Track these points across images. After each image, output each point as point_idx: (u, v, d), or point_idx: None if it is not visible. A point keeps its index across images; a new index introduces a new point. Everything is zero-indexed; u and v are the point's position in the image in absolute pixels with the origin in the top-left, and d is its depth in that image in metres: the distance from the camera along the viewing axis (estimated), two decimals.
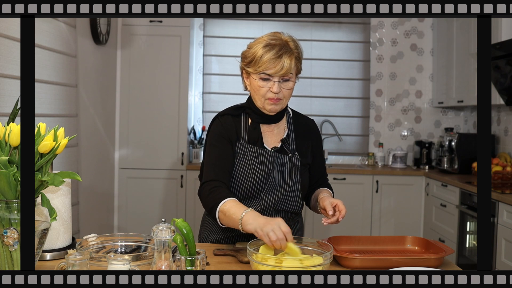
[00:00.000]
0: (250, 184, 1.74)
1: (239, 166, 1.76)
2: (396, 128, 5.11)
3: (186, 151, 4.54)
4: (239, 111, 1.82)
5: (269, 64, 1.65)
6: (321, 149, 1.92)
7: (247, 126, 1.80)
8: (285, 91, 1.71)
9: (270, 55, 1.65)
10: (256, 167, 1.75)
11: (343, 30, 5.05)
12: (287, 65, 1.65)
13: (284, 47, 1.67)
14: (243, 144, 1.77)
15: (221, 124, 1.79)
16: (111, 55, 4.34)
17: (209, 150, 1.78)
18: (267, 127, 1.82)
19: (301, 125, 1.88)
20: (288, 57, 1.66)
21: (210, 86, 5.03)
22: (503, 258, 3.13)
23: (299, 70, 1.74)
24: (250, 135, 1.78)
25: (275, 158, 1.77)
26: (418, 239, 1.79)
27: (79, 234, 3.53)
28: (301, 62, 1.75)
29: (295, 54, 1.70)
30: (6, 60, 2.45)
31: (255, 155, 1.76)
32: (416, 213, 4.56)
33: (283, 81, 1.69)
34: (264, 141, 1.80)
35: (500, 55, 3.48)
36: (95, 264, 1.38)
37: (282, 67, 1.65)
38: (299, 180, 1.80)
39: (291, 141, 1.83)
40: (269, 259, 1.38)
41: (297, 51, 1.71)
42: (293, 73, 1.71)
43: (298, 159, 1.80)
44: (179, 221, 1.39)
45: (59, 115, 3.15)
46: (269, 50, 1.65)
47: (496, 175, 3.81)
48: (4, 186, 1.21)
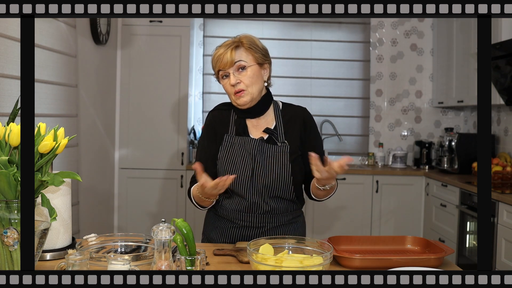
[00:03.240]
0: (238, 172, 1.81)
1: (227, 156, 1.84)
2: (396, 128, 5.11)
3: (186, 151, 4.54)
4: (228, 106, 1.92)
5: (218, 60, 1.78)
6: (313, 135, 1.90)
7: (234, 120, 1.89)
8: (245, 79, 1.78)
9: (218, 52, 1.78)
10: (244, 155, 1.82)
11: (343, 30, 5.05)
12: (233, 55, 1.76)
13: (234, 43, 1.79)
14: (230, 136, 1.86)
15: (209, 118, 1.93)
16: (111, 55, 4.34)
17: (197, 148, 1.95)
18: (253, 121, 1.88)
19: (289, 114, 1.90)
20: (234, 48, 1.77)
21: (210, 86, 5.04)
22: (503, 258, 3.13)
23: (256, 58, 1.80)
24: (238, 129, 1.87)
25: (260, 146, 1.82)
26: (418, 239, 1.78)
27: (79, 234, 3.53)
28: (258, 51, 1.81)
29: (245, 45, 1.79)
30: (6, 60, 2.44)
31: (241, 145, 1.84)
32: (416, 213, 4.56)
33: (240, 71, 1.78)
34: (251, 134, 1.87)
35: (500, 55, 3.48)
36: (95, 264, 1.38)
37: (227, 58, 1.76)
38: (289, 166, 1.81)
39: (279, 131, 1.86)
40: (269, 259, 1.38)
41: (247, 41, 1.80)
42: (247, 61, 1.78)
43: (287, 147, 1.83)
44: (179, 221, 1.39)
45: (59, 115, 3.15)
46: (218, 49, 1.80)
47: (496, 175, 3.81)
48: (4, 186, 1.21)
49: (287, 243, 1.56)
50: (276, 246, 1.52)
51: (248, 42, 1.80)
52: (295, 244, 1.56)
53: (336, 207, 4.49)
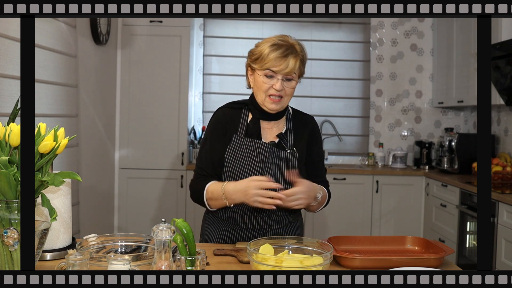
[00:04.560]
0: (246, 175, 1.79)
1: (235, 158, 1.81)
2: (396, 128, 5.11)
3: (186, 151, 4.54)
4: (240, 105, 1.89)
5: (275, 61, 1.72)
6: (317, 145, 1.93)
7: (246, 120, 1.86)
8: (288, 90, 1.78)
9: (276, 54, 1.72)
10: (253, 158, 1.80)
11: (343, 30, 5.05)
12: (292, 65, 1.73)
13: (290, 48, 1.74)
14: (239, 137, 1.83)
15: (219, 115, 1.88)
16: (111, 55, 4.34)
17: (203, 142, 1.89)
18: (267, 124, 1.87)
19: (299, 121, 1.92)
20: (294, 57, 1.74)
21: (210, 86, 5.04)
22: (503, 258, 3.13)
23: (302, 72, 1.81)
24: (249, 129, 1.84)
25: (271, 151, 1.81)
26: (418, 239, 1.79)
27: (79, 234, 3.53)
28: (305, 65, 1.82)
29: (300, 57, 1.77)
30: (6, 60, 2.44)
31: (251, 147, 1.81)
32: (416, 213, 4.56)
33: (286, 80, 1.76)
34: (263, 136, 1.85)
35: (500, 55, 3.48)
36: (95, 264, 1.38)
37: (287, 66, 1.72)
38: (296, 173, 1.81)
39: (289, 137, 1.87)
40: (269, 259, 1.38)
41: (302, 54, 1.79)
42: (296, 74, 1.78)
43: (295, 155, 1.84)
44: (179, 221, 1.39)
45: (59, 115, 3.15)
46: (276, 49, 1.73)
47: (496, 175, 3.81)
48: (4, 186, 1.21)
49: (287, 243, 1.56)
50: (276, 246, 1.52)
51: (303, 56, 1.79)
52: (295, 244, 1.56)
53: (336, 207, 4.49)
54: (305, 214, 4.36)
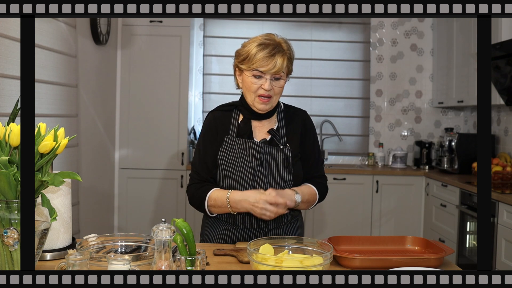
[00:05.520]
0: (239, 175, 1.79)
1: (228, 159, 1.81)
2: (396, 128, 5.11)
3: (186, 151, 4.54)
4: (230, 107, 1.90)
5: (262, 61, 1.72)
6: (310, 138, 1.92)
7: (237, 121, 1.87)
8: (276, 89, 1.78)
9: (263, 53, 1.72)
10: (245, 158, 1.80)
11: (343, 30, 5.05)
12: (280, 64, 1.72)
13: (277, 47, 1.74)
14: (231, 138, 1.84)
15: (210, 119, 1.89)
16: (111, 55, 4.34)
17: (197, 147, 1.90)
18: (258, 122, 1.87)
19: (291, 116, 1.92)
20: (281, 56, 1.73)
21: (210, 86, 5.04)
22: (503, 258, 3.13)
23: (290, 70, 1.81)
24: (240, 130, 1.85)
25: (263, 149, 1.81)
26: (418, 239, 1.78)
27: (79, 234, 3.53)
28: (292, 63, 1.81)
29: (287, 55, 1.76)
30: (6, 60, 2.44)
31: (242, 147, 1.82)
32: (416, 213, 4.56)
33: (274, 79, 1.76)
34: (254, 135, 1.85)
35: (500, 55, 3.48)
36: (95, 264, 1.38)
37: (274, 65, 1.72)
38: (291, 170, 1.82)
39: (281, 133, 1.86)
40: (269, 259, 1.38)
41: (289, 52, 1.78)
42: (284, 73, 1.78)
43: (289, 150, 1.83)
44: (179, 221, 1.39)
45: (59, 115, 3.15)
46: (262, 49, 1.73)
47: (496, 175, 3.81)
48: (4, 186, 1.21)
49: (287, 243, 1.56)
50: (276, 246, 1.52)
51: (291, 54, 1.78)
52: (295, 244, 1.56)
53: (336, 207, 4.49)
54: (305, 214, 4.36)
